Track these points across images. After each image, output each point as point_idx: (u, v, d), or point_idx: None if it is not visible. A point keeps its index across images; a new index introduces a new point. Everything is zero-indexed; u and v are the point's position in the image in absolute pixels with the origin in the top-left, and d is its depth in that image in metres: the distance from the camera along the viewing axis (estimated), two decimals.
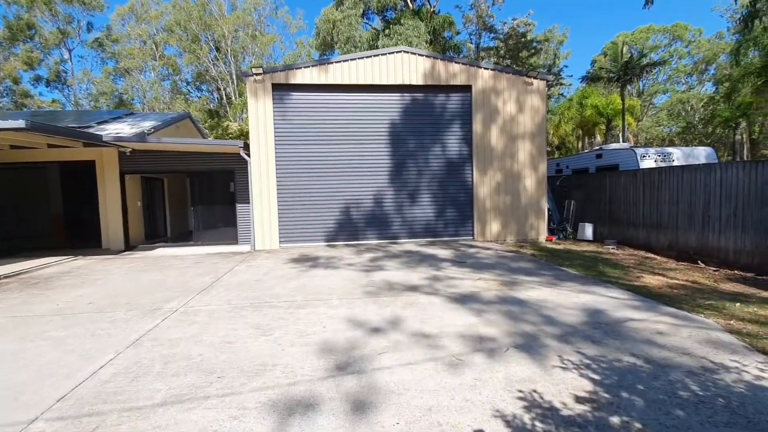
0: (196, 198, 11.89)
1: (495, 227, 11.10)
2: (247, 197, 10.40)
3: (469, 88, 10.97)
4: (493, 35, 31.48)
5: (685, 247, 8.22)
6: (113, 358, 3.56)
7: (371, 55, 10.61)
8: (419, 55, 10.78)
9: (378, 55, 10.62)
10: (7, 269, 7.77)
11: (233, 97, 34.28)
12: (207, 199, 11.72)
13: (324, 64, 10.43)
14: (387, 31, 23.11)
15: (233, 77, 34.35)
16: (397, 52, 10.66)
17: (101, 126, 11.53)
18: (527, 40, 30.80)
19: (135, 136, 9.83)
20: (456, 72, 10.85)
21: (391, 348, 3.68)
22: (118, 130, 11.00)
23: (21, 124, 6.69)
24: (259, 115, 10.20)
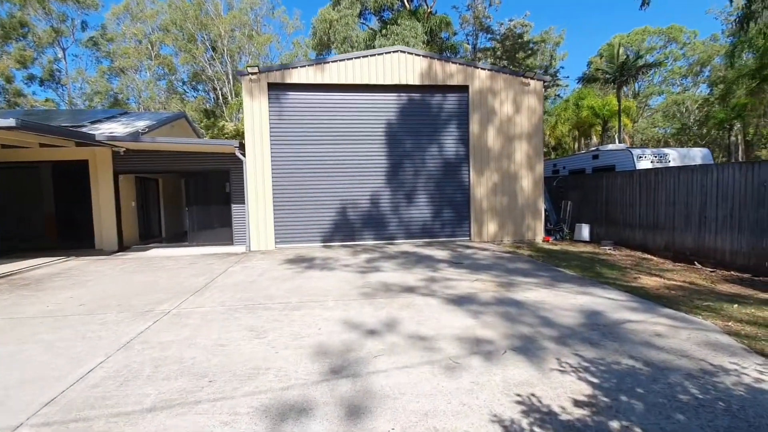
0: (191, 198, 11.80)
1: (492, 228, 11.07)
2: (242, 197, 10.31)
3: (466, 89, 10.94)
4: (489, 36, 31.58)
5: (682, 248, 8.23)
6: (103, 361, 3.48)
7: (368, 55, 10.55)
8: (416, 54, 10.74)
9: (375, 54, 10.56)
10: None
11: (229, 97, 34.13)
12: (202, 199, 11.62)
13: (320, 63, 10.36)
14: (384, 32, 23.03)
15: (229, 77, 34.21)
16: (394, 51, 10.61)
17: (94, 125, 11.38)
18: (524, 41, 30.90)
19: (128, 136, 9.71)
20: (453, 72, 10.81)
21: (387, 351, 3.62)
22: (111, 129, 10.86)
23: (11, 122, 6.58)
24: (254, 114, 10.11)
